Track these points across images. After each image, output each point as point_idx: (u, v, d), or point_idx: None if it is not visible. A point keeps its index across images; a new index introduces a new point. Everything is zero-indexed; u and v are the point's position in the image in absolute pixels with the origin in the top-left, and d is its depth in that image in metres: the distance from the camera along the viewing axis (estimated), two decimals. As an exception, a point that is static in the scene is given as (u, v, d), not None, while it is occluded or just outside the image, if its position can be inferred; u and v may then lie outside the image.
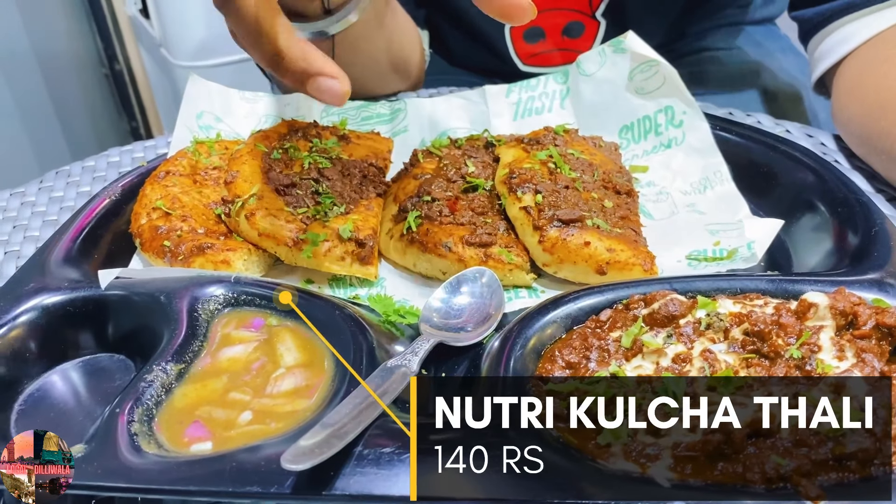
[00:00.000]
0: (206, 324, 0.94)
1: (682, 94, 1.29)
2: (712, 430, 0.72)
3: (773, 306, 0.87)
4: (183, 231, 1.09)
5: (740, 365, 0.80)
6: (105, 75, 4.05)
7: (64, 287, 1.00)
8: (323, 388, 0.85)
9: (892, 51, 1.26)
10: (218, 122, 1.37)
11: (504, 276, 1.06)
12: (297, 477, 0.71)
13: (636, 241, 1.06)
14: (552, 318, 0.91)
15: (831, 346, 0.81)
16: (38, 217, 1.35)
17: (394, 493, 0.70)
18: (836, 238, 1.03)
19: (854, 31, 1.31)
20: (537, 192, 1.08)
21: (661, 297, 0.88)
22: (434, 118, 1.42)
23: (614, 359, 0.84)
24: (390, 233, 1.14)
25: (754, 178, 1.21)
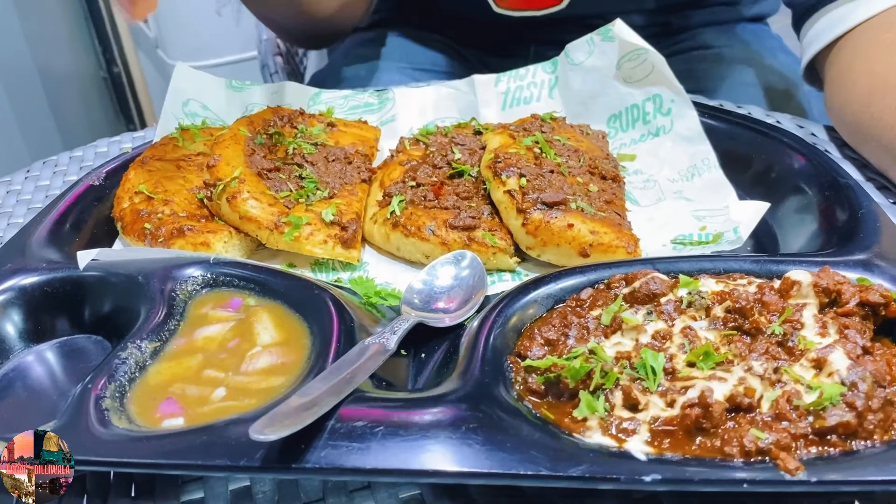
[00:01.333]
0: (184, 304, 0.93)
1: (670, 83, 1.28)
2: (691, 404, 0.70)
3: (757, 285, 0.86)
4: (164, 214, 1.08)
5: (721, 342, 0.79)
6: (103, 79, 4.06)
7: (42, 268, 0.99)
8: (298, 365, 0.84)
9: (882, 35, 1.25)
10: (204, 110, 1.36)
11: (487, 259, 1.05)
12: (267, 450, 0.69)
13: (620, 224, 1.05)
14: (533, 297, 0.90)
15: (814, 324, 0.80)
16: (22, 205, 1.34)
17: (366, 466, 0.68)
18: (823, 220, 1.02)
19: (844, 15, 1.30)
20: (522, 175, 1.07)
21: (643, 276, 0.87)
22: (423, 108, 1.42)
23: (593, 336, 0.82)
24: (374, 217, 1.13)
25: (742, 165, 1.20)
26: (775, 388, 0.73)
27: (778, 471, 0.66)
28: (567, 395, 0.76)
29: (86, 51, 3.95)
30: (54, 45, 3.76)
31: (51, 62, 3.67)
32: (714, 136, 1.24)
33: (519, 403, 0.76)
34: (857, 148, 1.28)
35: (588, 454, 0.68)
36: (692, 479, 0.66)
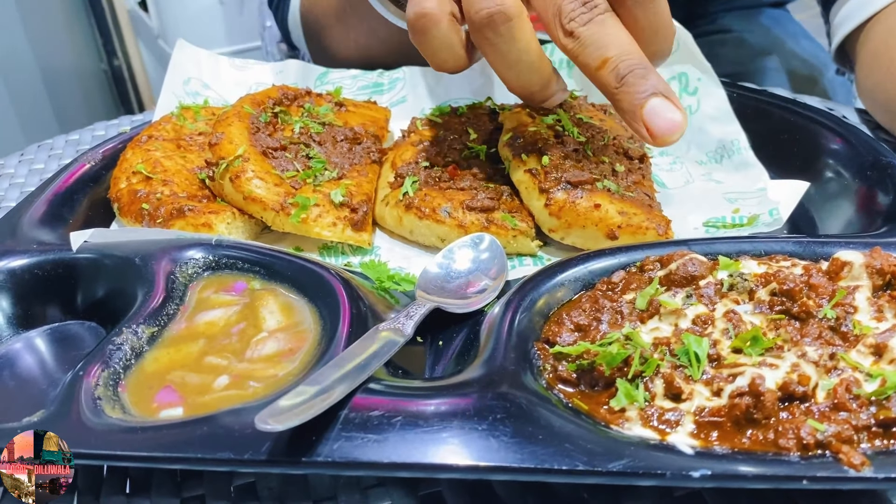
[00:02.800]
0: (184, 287, 0.87)
1: (697, 60, 1.21)
2: (740, 392, 0.64)
3: (802, 266, 0.79)
4: (164, 195, 1.02)
5: (768, 326, 0.72)
6: (104, 71, 4.00)
7: (32, 250, 0.92)
8: (307, 351, 0.77)
9: None
10: (206, 89, 1.30)
11: (507, 243, 0.99)
12: (275, 442, 0.63)
13: (650, 205, 0.99)
14: (560, 280, 0.83)
15: (868, 307, 0.73)
16: (15, 189, 1.28)
17: (383, 460, 0.62)
18: (866, 201, 0.96)
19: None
20: (543, 154, 1.01)
21: (679, 258, 0.81)
22: (434, 88, 1.35)
23: (628, 321, 0.76)
24: (386, 200, 1.07)
25: (774, 146, 1.14)
26: (831, 375, 0.66)
27: (840, 466, 0.59)
28: (602, 384, 0.70)
29: (86, 43, 3.90)
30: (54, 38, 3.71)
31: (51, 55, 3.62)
32: (743, 117, 1.17)
33: (549, 392, 0.69)
34: (891, 128, 1.21)
35: (628, 447, 0.62)
36: (746, 476, 0.59)
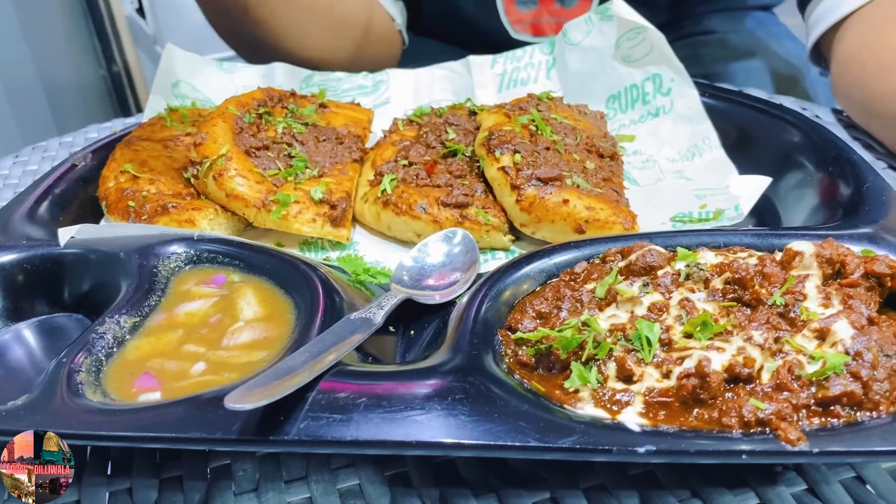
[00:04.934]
0: (166, 280, 0.90)
1: (670, 61, 1.25)
2: (687, 374, 0.67)
3: (757, 257, 0.82)
4: (150, 193, 1.06)
5: (720, 313, 0.76)
6: (103, 77, 4.04)
7: (21, 245, 0.96)
8: (281, 340, 0.81)
9: (892, 13, 1.22)
10: (194, 92, 1.34)
11: (481, 237, 1.02)
12: (244, 422, 0.66)
13: (617, 200, 1.02)
14: (526, 272, 0.87)
15: (817, 295, 0.76)
16: (9, 189, 1.32)
17: (347, 438, 0.65)
18: (826, 195, 0.99)
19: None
20: (516, 152, 1.04)
21: (639, 249, 0.84)
22: (417, 89, 1.39)
23: (587, 308, 0.79)
24: (365, 197, 1.10)
25: (743, 143, 1.17)
26: (776, 358, 0.70)
27: (779, 442, 0.62)
28: (558, 368, 0.73)
29: (85, 49, 3.93)
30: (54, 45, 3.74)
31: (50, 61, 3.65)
32: (715, 115, 1.21)
33: (509, 376, 0.73)
34: (866, 126, 1.25)
35: (579, 425, 0.65)
36: (688, 451, 0.62)
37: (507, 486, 0.72)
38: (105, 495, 0.74)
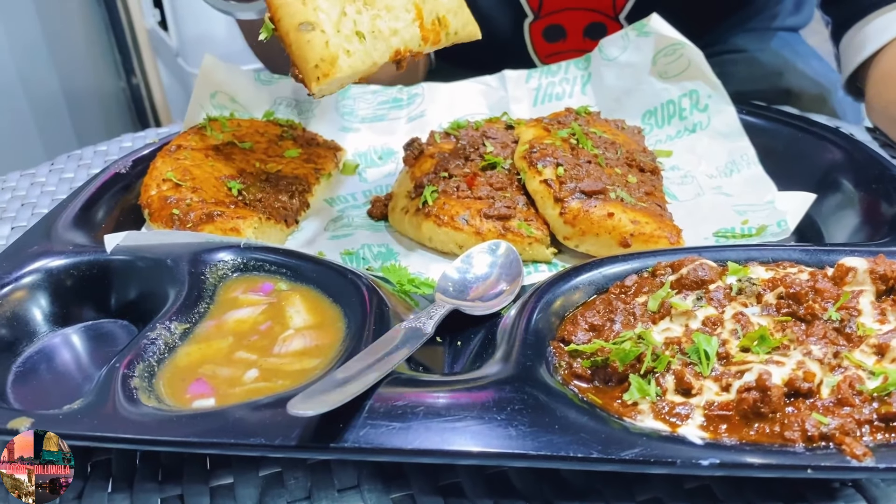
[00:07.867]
0: (214, 287, 0.91)
1: (707, 78, 1.25)
2: (748, 387, 0.67)
3: (808, 272, 0.82)
4: (193, 201, 1.06)
5: (775, 328, 0.75)
6: (122, 89, 4.07)
7: (68, 251, 0.96)
8: (333, 348, 0.81)
9: None
10: (232, 103, 1.34)
11: (523, 250, 1.02)
12: (304, 428, 0.66)
13: (661, 214, 1.02)
14: (574, 284, 0.87)
15: (872, 311, 0.76)
16: (46, 196, 1.33)
17: (406, 446, 0.65)
18: (870, 213, 0.99)
19: (890, 22, 1.27)
20: (558, 164, 1.05)
21: (690, 263, 0.84)
22: (452, 103, 1.40)
23: (640, 321, 0.79)
24: (405, 209, 1.11)
25: (782, 161, 1.17)
26: (835, 373, 0.69)
27: (843, 457, 0.62)
28: (615, 380, 0.73)
29: (106, 62, 3.96)
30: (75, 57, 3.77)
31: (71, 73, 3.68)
32: (752, 133, 1.21)
33: (564, 388, 0.73)
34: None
35: (641, 438, 0.65)
36: (753, 464, 0.62)
37: (562, 498, 0.71)
38: (157, 501, 0.74)
